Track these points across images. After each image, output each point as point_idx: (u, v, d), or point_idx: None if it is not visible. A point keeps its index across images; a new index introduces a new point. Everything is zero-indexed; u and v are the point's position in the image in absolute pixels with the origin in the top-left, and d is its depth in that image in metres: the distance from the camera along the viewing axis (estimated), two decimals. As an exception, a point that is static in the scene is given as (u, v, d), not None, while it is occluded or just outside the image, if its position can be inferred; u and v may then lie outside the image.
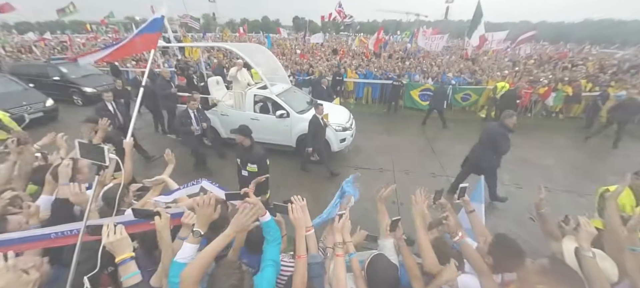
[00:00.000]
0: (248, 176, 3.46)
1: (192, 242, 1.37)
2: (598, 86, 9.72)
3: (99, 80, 10.95)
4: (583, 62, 14.92)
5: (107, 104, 5.42)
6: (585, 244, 1.44)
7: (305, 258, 1.46)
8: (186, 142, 5.41)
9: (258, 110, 6.15)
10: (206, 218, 1.42)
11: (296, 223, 1.53)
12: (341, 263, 1.47)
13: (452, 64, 13.67)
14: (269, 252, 1.49)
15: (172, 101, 6.73)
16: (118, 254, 1.23)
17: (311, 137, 5.18)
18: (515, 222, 4.34)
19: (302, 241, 1.49)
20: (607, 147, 7.46)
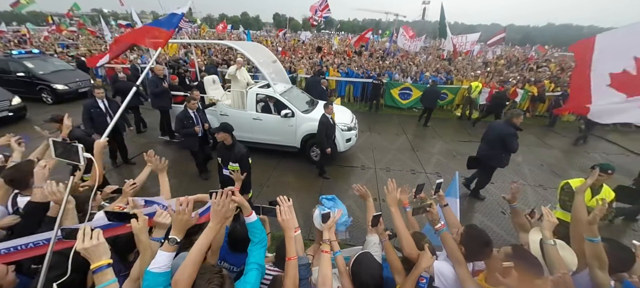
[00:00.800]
0: (230, 175, 3.38)
1: (167, 250, 1.28)
2: (559, 86, 10.54)
3: (72, 76, 10.09)
4: (546, 63, 16.06)
5: (98, 101, 4.89)
6: (547, 233, 1.56)
7: (296, 260, 1.44)
8: (188, 144, 4.99)
9: (259, 110, 5.92)
10: (184, 225, 1.35)
11: (285, 225, 1.51)
12: (327, 260, 1.49)
13: (429, 63, 14.16)
14: (254, 254, 1.44)
15: (165, 100, 6.23)
16: (94, 261, 1.14)
17: (324, 137, 5.01)
18: (487, 216, 4.60)
19: (291, 243, 1.47)
20: (569, 144, 8.11)
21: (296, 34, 23.11)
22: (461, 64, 14.32)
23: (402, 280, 1.55)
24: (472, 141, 7.87)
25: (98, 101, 4.89)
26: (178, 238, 1.32)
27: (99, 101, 4.90)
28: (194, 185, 5.03)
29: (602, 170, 2.96)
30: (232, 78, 6.51)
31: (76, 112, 4.86)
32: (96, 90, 4.89)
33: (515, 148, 4.38)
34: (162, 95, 6.18)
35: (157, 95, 6.16)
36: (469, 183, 5.20)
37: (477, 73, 11.95)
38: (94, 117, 4.81)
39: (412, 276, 1.49)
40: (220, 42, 10.08)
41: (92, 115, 4.79)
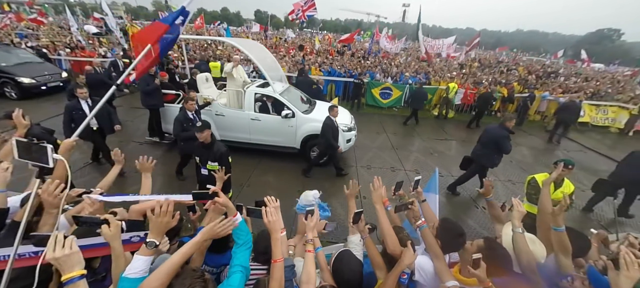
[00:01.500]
0: (209, 175, 3.27)
1: (144, 254, 1.23)
2: (527, 89, 11.27)
3: (40, 69, 9.16)
4: (515, 66, 17.11)
5: (81, 102, 4.38)
6: (516, 222, 1.66)
7: (282, 262, 1.42)
8: (187, 148, 4.57)
9: (257, 110, 5.73)
10: (163, 227, 1.29)
11: (271, 227, 1.48)
12: (311, 259, 1.49)
13: (409, 64, 14.57)
14: (238, 256, 1.40)
15: (156, 99, 5.81)
16: (66, 271, 1.04)
17: (330, 138, 5.00)
18: (463, 211, 4.82)
19: (278, 245, 1.44)
20: (537, 142, 8.70)
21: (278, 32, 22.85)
22: (438, 66, 14.87)
23: (383, 275, 1.58)
24: (448, 140, 8.22)
25: (81, 102, 4.38)
26: (157, 241, 1.26)
27: (82, 102, 4.38)
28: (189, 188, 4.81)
29: (564, 166, 3.20)
30: (227, 76, 6.26)
31: (45, 108, 4.43)
32: (79, 90, 4.34)
33: (508, 150, 4.63)
34: (153, 94, 5.75)
35: (148, 93, 5.73)
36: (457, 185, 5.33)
37: (453, 74, 12.48)
38: (76, 120, 4.28)
39: (395, 272, 1.51)
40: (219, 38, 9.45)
41: (74, 118, 4.30)
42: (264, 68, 5.69)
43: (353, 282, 1.54)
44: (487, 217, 4.59)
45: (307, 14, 13.29)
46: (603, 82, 14.99)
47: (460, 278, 1.58)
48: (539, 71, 16.73)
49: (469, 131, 9.18)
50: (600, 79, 15.94)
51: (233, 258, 1.40)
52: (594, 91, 12.24)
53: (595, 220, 4.87)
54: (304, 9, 13.14)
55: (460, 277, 1.59)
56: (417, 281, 1.67)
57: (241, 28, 44.79)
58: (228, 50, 13.78)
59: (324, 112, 5.74)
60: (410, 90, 10.81)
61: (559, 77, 15.96)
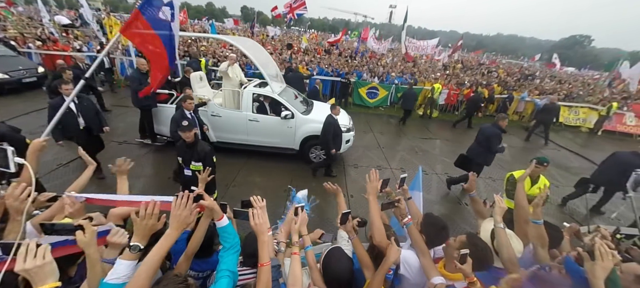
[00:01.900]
0: (192, 175, 3.17)
1: (128, 259, 1.16)
2: (506, 90, 11.76)
3: (13, 63, 8.46)
4: (496, 69, 17.79)
5: (66, 100, 4.03)
6: (498, 217, 1.71)
7: (269, 266, 1.38)
8: None
9: (255, 110, 5.60)
10: (148, 230, 1.23)
11: (258, 229, 1.44)
12: (297, 261, 1.46)
13: (395, 64, 14.81)
14: (226, 260, 1.35)
15: (149, 99, 5.44)
16: (38, 284, 0.96)
17: (331, 138, 4.96)
18: (446, 207, 4.96)
19: (264, 248, 1.40)
20: (515, 141, 9.08)
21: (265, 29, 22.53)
22: (423, 67, 15.22)
23: (371, 275, 1.58)
24: (433, 138, 8.43)
25: (66, 100, 4.14)
26: (141, 245, 1.19)
27: (67, 100, 4.18)
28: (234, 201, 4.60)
29: (539, 163, 3.36)
30: (223, 75, 6.06)
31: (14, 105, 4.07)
32: (64, 87, 3.99)
33: (493, 148, 4.78)
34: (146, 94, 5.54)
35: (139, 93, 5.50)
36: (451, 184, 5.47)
37: (437, 75, 12.81)
38: (63, 119, 4.03)
39: (382, 269, 1.52)
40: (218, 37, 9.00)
41: (60, 117, 4.11)
42: (263, 68, 5.59)
43: (343, 279, 1.54)
44: (469, 213, 4.75)
45: (297, 12, 13.19)
46: (575, 85, 15.89)
47: (445, 273, 1.62)
48: (517, 74, 17.50)
49: (453, 130, 9.46)
50: (573, 82, 16.88)
51: (220, 263, 1.35)
52: (567, 93, 12.95)
53: (567, 214, 5.15)
54: (293, 7, 13.02)
55: (445, 272, 1.63)
56: (403, 275, 1.69)
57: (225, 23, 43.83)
58: (213, 47, 13.45)
59: (323, 113, 5.76)
60: (396, 90, 11.00)
61: (536, 79, 16.77)
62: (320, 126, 5.21)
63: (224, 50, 12.71)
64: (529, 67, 24.55)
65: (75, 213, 1.55)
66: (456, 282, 1.54)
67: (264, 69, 5.55)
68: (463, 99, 11.16)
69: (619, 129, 11.15)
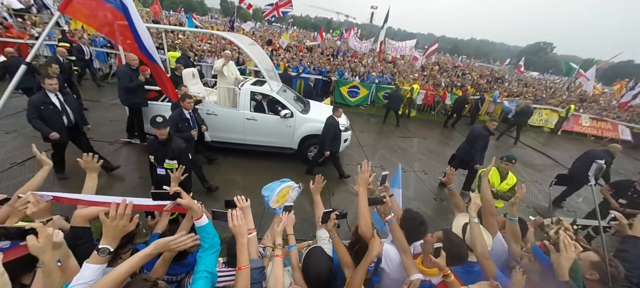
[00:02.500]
0: (166, 174, 3.00)
1: (96, 262, 1.09)
2: (479, 92, 12.40)
3: None
4: (469, 71, 18.71)
5: (49, 95, 3.74)
6: (473, 213, 1.80)
7: (248, 269, 1.34)
8: None
9: (252, 109, 5.44)
10: (119, 232, 1.15)
11: (236, 231, 1.39)
12: (279, 263, 1.44)
13: (375, 64, 15.09)
14: (204, 261, 1.29)
15: (140, 96, 5.19)
16: None
17: (330, 139, 4.95)
18: (423, 203, 5.13)
19: (243, 250, 1.36)
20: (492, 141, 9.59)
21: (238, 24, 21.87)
22: (402, 68, 15.63)
23: (351, 273, 1.59)
24: (411, 137, 8.69)
25: (49, 95, 3.75)
26: (110, 247, 1.12)
27: (50, 95, 3.75)
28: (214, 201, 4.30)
29: (508, 160, 3.59)
30: (218, 73, 5.82)
31: None
32: (47, 81, 3.69)
33: (477, 147, 5.07)
34: (136, 91, 5.11)
35: (130, 90, 5.07)
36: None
37: (416, 76, 13.23)
38: (46, 116, 3.71)
39: (365, 262, 1.52)
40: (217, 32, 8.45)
41: (43, 113, 3.70)
42: (262, 66, 5.49)
43: (322, 279, 1.53)
44: (445, 209, 4.96)
45: (282, 10, 12.95)
46: (539, 88, 17.12)
47: (423, 269, 1.67)
48: (489, 76, 18.52)
49: (429, 129, 9.82)
50: (537, 86, 18.18)
51: (198, 264, 1.29)
52: (532, 96, 13.93)
53: (531, 207, 5.54)
54: (279, 4, 12.76)
55: (423, 268, 1.68)
56: (384, 269, 1.71)
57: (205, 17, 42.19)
58: (190, 41, 12.88)
59: (321, 112, 5.80)
60: (376, 89, 11.21)
61: (505, 82, 17.86)
62: (320, 125, 5.25)
63: (201, 44, 12.22)
64: (499, 70, 26.10)
65: (39, 214, 1.41)
66: (433, 277, 1.59)
67: (263, 66, 5.48)
68: (439, 99, 11.62)
69: (576, 129, 12.19)
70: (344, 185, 5.34)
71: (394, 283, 1.66)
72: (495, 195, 3.58)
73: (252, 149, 5.63)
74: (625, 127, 12.30)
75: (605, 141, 12.07)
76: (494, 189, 3.58)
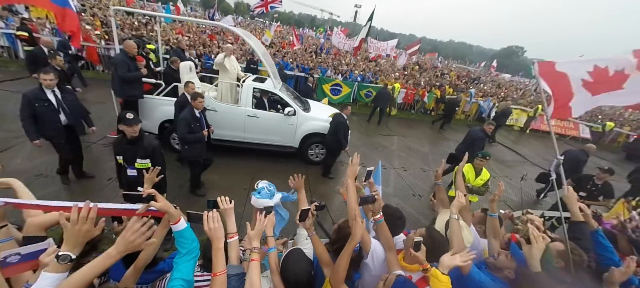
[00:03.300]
0: (138, 175, 2.83)
1: (54, 271, 0.99)
2: (456, 92, 12.90)
3: None
4: (448, 72, 19.41)
5: (46, 92, 3.36)
6: (454, 210, 1.86)
7: (224, 276, 1.28)
8: (193, 152, 3.96)
9: (253, 106, 5.30)
10: (82, 238, 1.05)
11: (212, 235, 1.33)
12: (255, 268, 1.38)
13: (357, 62, 15.22)
14: (180, 268, 1.22)
15: (137, 88, 4.82)
16: None
17: (342, 137, 5.01)
18: (402, 199, 5.26)
19: (218, 255, 1.30)
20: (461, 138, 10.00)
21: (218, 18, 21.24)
22: (384, 66, 15.91)
23: (330, 271, 1.58)
24: (391, 135, 8.88)
25: (46, 91, 3.36)
26: (72, 254, 1.02)
27: (47, 91, 3.37)
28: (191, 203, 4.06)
29: (482, 157, 3.75)
30: (219, 67, 5.58)
31: None
32: (43, 76, 3.31)
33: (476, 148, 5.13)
34: (134, 82, 4.76)
35: (128, 81, 4.68)
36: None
37: (397, 75, 13.52)
38: (39, 115, 3.34)
39: (349, 246, 1.50)
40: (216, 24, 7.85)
41: (37, 111, 3.33)
42: (266, 62, 5.42)
43: (301, 282, 1.50)
44: (424, 204, 5.12)
45: (271, 5, 12.68)
46: (510, 89, 18.11)
47: (404, 265, 1.70)
48: (465, 77, 19.32)
49: (408, 128, 10.08)
50: (508, 87, 19.21)
51: (174, 270, 1.22)
52: (504, 96, 14.70)
53: (502, 201, 5.85)
54: (268, 0, 12.49)
55: (404, 264, 1.71)
56: (367, 264, 1.71)
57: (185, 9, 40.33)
58: (167, 34, 12.30)
59: (321, 111, 5.86)
60: (358, 88, 11.33)
61: (480, 83, 18.71)
62: (322, 124, 5.34)
63: (178, 37, 11.70)
64: (475, 71, 27.30)
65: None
66: (414, 273, 1.63)
67: (267, 63, 5.44)
68: (419, 98, 11.96)
69: (543, 127, 13.03)
70: (325, 184, 5.35)
71: (375, 280, 1.67)
72: (470, 190, 3.74)
73: (252, 148, 5.51)
74: (585, 126, 13.33)
75: (568, 139, 13.03)
76: (469, 184, 3.74)
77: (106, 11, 13.25)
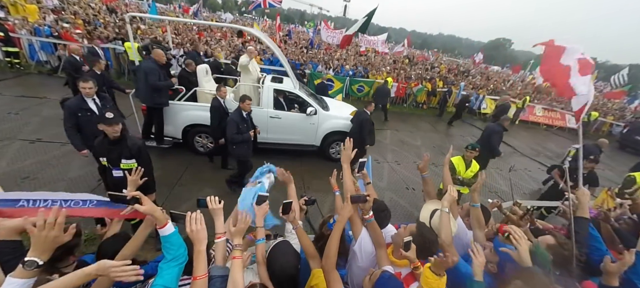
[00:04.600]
0: (124, 176, 2.73)
1: (20, 276, 0.96)
2: (446, 85, 13.02)
3: None
4: (438, 65, 19.56)
5: (86, 100, 3.28)
6: (445, 202, 1.87)
7: (204, 279, 1.24)
8: (241, 152, 4.13)
9: (274, 107, 5.31)
10: (49, 244, 1.01)
11: (194, 236, 1.28)
12: (238, 266, 1.35)
13: (349, 57, 15.17)
14: (164, 274, 1.17)
15: (164, 96, 4.79)
16: None
17: (366, 134, 5.12)
18: (396, 193, 5.30)
19: (199, 258, 1.26)
20: (454, 130, 10.13)
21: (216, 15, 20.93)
22: (375, 61, 15.90)
23: (316, 264, 1.57)
24: (384, 129, 8.91)
25: (87, 100, 3.29)
26: (39, 260, 0.98)
27: (88, 100, 3.30)
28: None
29: (472, 149, 3.79)
30: (242, 69, 5.55)
31: None
32: (82, 85, 3.22)
33: (493, 144, 5.40)
34: (162, 90, 4.72)
35: (157, 89, 4.62)
36: None
37: (388, 69, 13.54)
38: (82, 124, 3.27)
39: (338, 226, 1.53)
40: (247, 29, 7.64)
41: (81, 122, 3.26)
42: (285, 63, 5.46)
43: (286, 274, 1.49)
44: (417, 197, 5.16)
45: (270, 2, 12.47)
46: (499, 81, 18.40)
47: (393, 260, 1.70)
48: (455, 70, 19.53)
49: (401, 122, 10.14)
50: (497, 79, 19.52)
51: (157, 276, 1.18)
52: (492, 88, 14.92)
53: (493, 192, 5.96)
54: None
55: (393, 259, 1.71)
56: (355, 252, 1.71)
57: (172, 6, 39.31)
58: (154, 32, 11.97)
59: (340, 109, 5.96)
60: (350, 82, 11.30)
61: (469, 75, 18.94)
62: (343, 122, 5.46)
63: (164, 36, 11.41)
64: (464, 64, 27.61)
65: None
66: (402, 268, 1.63)
67: (286, 63, 5.51)
68: (410, 92, 12.02)
69: (531, 118, 13.31)
70: (319, 179, 5.33)
71: (361, 272, 1.67)
72: (461, 182, 3.78)
73: (275, 148, 5.51)
74: (571, 116, 13.67)
75: (555, 129, 13.35)
76: (460, 177, 3.77)
77: (88, 9, 12.80)
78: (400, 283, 1.34)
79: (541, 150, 9.91)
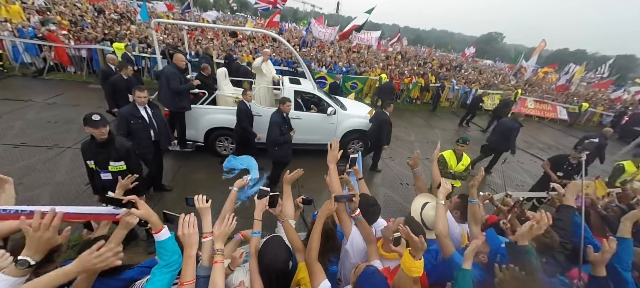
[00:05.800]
0: (113, 179, 2.69)
1: (13, 274, 0.95)
2: (439, 80, 13.10)
3: None
4: (430, 60, 19.64)
5: (139, 109, 3.40)
6: (441, 196, 1.87)
7: (191, 285, 1.23)
8: (281, 154, 4.26)
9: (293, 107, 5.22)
10: (43, 244, 1.00)
11: (185, 240, 1.26)
12: (219, 270, 1.33)
13: (341, 54, 15.13)
14: (155, 281, 1.15)
15: (186, 100, 4.78)
16: None
17: (384, 135, 5.22)
18: (390, 188, 5.32)
19: (189, 263, 1.24)
20: (447, 124, 10.20)
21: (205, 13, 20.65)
22: (368, 57, 15.90)
23: (303, 257, 1.58)
24: (378, 125, 8.93)
25: (139, 108, 3.42)
26: (31, 260, 0.99)
27: (140, 108, 3.43)
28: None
29: (463, 142, 3.82)
30: (257, 71, 5.55)
31: None
32: (137, 93, 3.33)
33: (512, 141, 5.62)
34: (183, 94, 4.71)
35: (179, 93, 4.60)
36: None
37: (381, 65, 13.55)
38: (134, 131, 3.38)
39: (318, 222, 1.58)
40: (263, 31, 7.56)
41: (132, 128, 3.37)
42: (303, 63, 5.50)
43: (276, 267, 1.49)
44: (410, 192, 5.19)
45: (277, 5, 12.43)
46: (491, 75, 18.58)
47: (382, 253, 1.71)
48: (448, 65, 19.65)
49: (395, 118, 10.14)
50: (489, 73, 19.72)
51: (148, 281, 1.16)
52: (485, 82, 15.06)
53: (487, 185, 6.02)
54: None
55: (382, 252, 1.71)
56: (347, 250, 1.72)
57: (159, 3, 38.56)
58: (145, 31, 11.77)
59: (356, 108, 6.11)
60: (343, 79, 11.28)
61: (462, 70, 19.08)
62: (361, 121, 5.59)
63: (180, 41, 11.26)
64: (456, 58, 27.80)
65: None
66: (392, 261, 1.63)
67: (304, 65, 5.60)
68: (404, 88, 12.07)
69: (523, 111, 13.44)
70: (316, 178, 5.32)
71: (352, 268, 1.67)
72: (453, 176, 3.80)
73: (295, 149, 5.40)
74: (562, 108, 13.90)
75: (547, 121, 13.55)
76: (452, 170, 3.80)
77: (74, 9, 12.50)
78: (383, 278, 1.34)
79: (533, 142, 10.06)
